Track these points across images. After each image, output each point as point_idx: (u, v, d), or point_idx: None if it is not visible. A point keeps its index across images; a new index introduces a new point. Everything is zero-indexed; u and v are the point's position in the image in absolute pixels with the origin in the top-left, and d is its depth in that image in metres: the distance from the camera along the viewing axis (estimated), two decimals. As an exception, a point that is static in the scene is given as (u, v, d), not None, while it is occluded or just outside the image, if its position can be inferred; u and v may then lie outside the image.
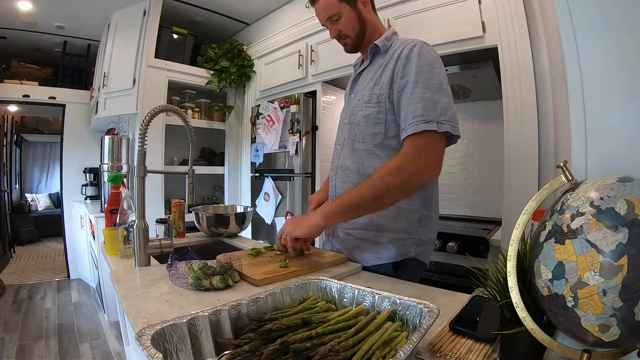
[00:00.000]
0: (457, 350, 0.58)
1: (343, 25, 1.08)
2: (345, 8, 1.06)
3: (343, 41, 1.12)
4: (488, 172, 2.19)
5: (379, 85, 1.04)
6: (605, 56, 0.52)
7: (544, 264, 0.46)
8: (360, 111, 1.07)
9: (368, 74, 1.12)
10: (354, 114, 1.10)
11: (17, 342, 2.33)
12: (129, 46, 2.81)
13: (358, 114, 1.08)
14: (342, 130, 1.17)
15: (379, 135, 1.04)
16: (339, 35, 1.11)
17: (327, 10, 1.06)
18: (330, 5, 1.05)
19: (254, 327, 0.56)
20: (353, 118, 1.10)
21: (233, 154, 3.37)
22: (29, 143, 6.54)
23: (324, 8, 1.06)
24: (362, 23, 1.09)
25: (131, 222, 1.14)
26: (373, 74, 1.09)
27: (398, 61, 1.00)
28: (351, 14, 1.07)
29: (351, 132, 1.11)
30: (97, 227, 2.57)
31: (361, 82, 1.14)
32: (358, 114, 1.08)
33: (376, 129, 1.04)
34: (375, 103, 1.04)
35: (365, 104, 1.06)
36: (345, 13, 1.06)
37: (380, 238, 1.06)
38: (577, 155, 0.55)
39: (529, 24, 1.54)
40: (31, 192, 6.66)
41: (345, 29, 1.09)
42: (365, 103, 1.06)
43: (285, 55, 2.73)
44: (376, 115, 1.03)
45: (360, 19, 1.08)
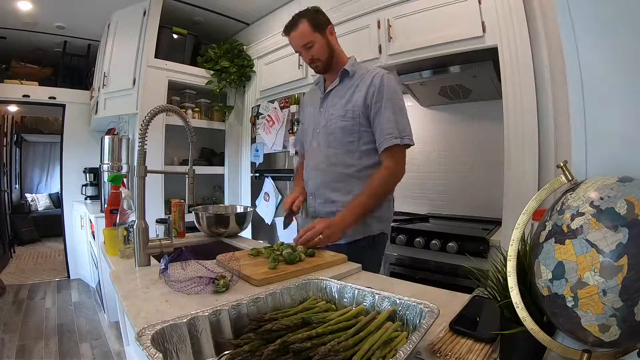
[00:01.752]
0: (457, 350, 0.58)
1: (315, 51, 1.30)
2: (317, 37, 1.29)
3: (315, 64, 1.34)
4: (488, 172, 2.18)
5: (351, 104, 1.29)
6: (605, 56, 0.52)
7: (544, 264, 0.46)
8: (335, 123, 1.31)
9: (338, 92, 1.35)
10: (328, 125, 1.33)
11: (17, 342, 2.32)
12: (129, 46, 2.81)
13: (332, 125, 1.31)
14: (315, 138, 1.39)
15: (353, 142, 1.30)
16: (311, 60, 1.33)
17: (301, 39, 1.29)
18: (305, 34, 1.28)
19: (254, 327, 0.56)
20: (327, 128, 1.33)
21: (233, 154, 3.37)
22: (29, 143, 6.53)
23: (299, 36, 1.29)
24: (330, 49, 1.33)
25: (131, 222, 1.14)
26: (344, 92, 1.33)
27: (370, 87, 1.26)
28: (322, 41, 1.30)
29: (326, 140, 1.34)
30: (97, 227, 2.57)
31: (331, 99, 1.36)
32: (332, 125, 1.31)
33: (351, 137, 1.29)
34: (350, 117, 1.28)
35: (340, 118, 1.30)
36: (318, 41, 1.29)
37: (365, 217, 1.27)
38: (577, 155, 0.55)
39: (529, 24, 1.54)
40: (31, 192, 6.65)
41: (317, 54, 1.31)
42: (340, 117, 1.30)
43: (285, 55, 2.72)
44: (351, 127, 1.28)
45: (329, 46, 1.32)
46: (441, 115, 2.46)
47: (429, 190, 2.49)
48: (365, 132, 1.28)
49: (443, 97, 2.31)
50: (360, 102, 1.26)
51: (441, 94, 2.27)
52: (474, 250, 1.61)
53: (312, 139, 1.41)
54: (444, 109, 2.45)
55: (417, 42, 1.90)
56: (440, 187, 2.45)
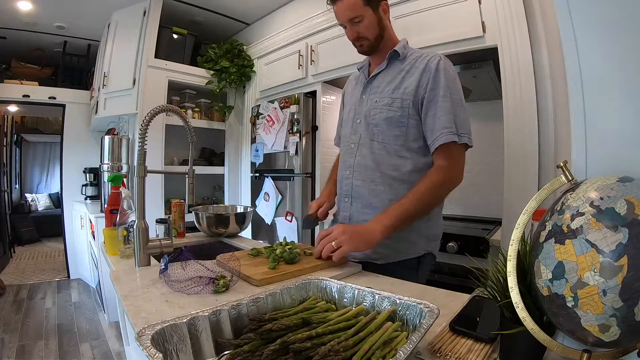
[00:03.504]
0: (457, 350, 0.58)
1: (364, 28, 1.10)
2: (368, 12, 1.09)
3: (360, 43, 1.14)
4: (488, 172, 2.18)
5: (400, 90, 1.09)
6: (605, 56, 0.52)
7: (544, 264, 0.46)
8: (380, 113, 1.11)
9: (385, 77, 1.15)
10: (370, 115, 1.13)
11: (17, 342, 2.33)
12: (129, 46, 2.81)
13: (377, 115, 1.12)
14: (355, 130, 1.18)
15: (401, 137, 1.09)
16: (357, 37, 1.12)
17: (350, 11, 1.08)
18: (354, 6, 1.07)
19: (254, 327, 0.56)
20: (370, 119, 1.13)
21: (233, 154, 3.37)
22: (29, 143, 6.53)
23: (348, 8, 1.08)
24: (381, 28, 1.13)
25: (131, 222, 1.14)
26: (392, 78, 1.13)
27: (425, 72, 1.06)
28: (373, 18, 1.10)
29: (369, 132, 1.14)
30: (97, 227, 2.57)
31: (377, 84, 1.16)
32: (377, 115, 1.12)
33: (398, 131, 1.09)
34: (398, 107, 1.08)
35: (386, 107, 1.10)
36: (368, 16, 1.09)
37: (404, 236, 1.08)
38: (577, 155, 0.55)
39: (529, 24, 1.53)
40: (31, 192, 6.65)
41: (366, 32, 1.11)
42: (386, 106, 1.10)
43: (285, 55, 2.72)
44: (399, 119, 1.08)
45: (380, 24, 1.12)
46: (441, 115, 2.45)
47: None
48: (416, 126, 1.08)
49: (443, 97, 2.31)
50: (412, 90, 1.06)
51: (441, 94, 2.27)
52: (474, 250, 1.61)
53: (351, 132, 1.20)
54: (444, 109, 2.44)
55: (417, 42, 1.89)
56: (440, 187, 2.44)
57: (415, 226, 1.07)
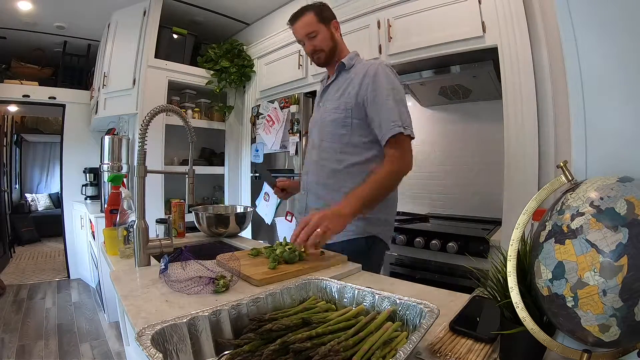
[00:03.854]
0: (457, 350, 0.58)
1: (319, 42, 1.30)
2: (322, 28, 1.29)
3: (317, 55, 1.33)
4: (488, 172, 2.18)
5: (344, 96, 1.26)
6: (605, 56, 0.52)
7: (544, 264, 0.46)
8: (329, 116, 1.28)
9: (334, 86, 1.34)
10: (322, 119, 1.32)
11: (17, 342, 2.32)
12: (129, 46, 2.81)
13: (326, 118, 1.29)
14: (312, 133, 1.38)
15: (346, 135, 1.25)
16: (314, 50, 1.32)
17: (306, 28, 1.29)
18: (310, 23, 1.28)
19: (254, 327, 0.56)
20: (322, 122, 1.32)
21: (233, 154, 3.37)
22: (29, 143, 6.53)
23: (304, 25, 1.29)
24: (334, 42, 1.32)
25: (131, 222, 1.14)
26: (339, 86, 1.31)
27: (365, 77, 1.22)
28: (326, 32, 1.31)
29: (320, 134, 1.32)
30: (97, 227, 2.57)
31: (328, 93, 1.35)
32: (326, 118, 1.29)
33: (343, 130, 1.25)
34: (342, 109, 1.25)
35: (333, 111, 1.27)
36: (322, 32, 1.29)
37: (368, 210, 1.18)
38: (577, 155, 0.55)
39: (529, 24, 1.54)
40: (31, 192, 6.65)
41: (320, 45, 1.30)
42: (333, 110, 1.28)
43: (285, 55, 2.72)
44: (343, 120, 1.25)
45: (332, 39, 1.32)
46: (441, 115, 2.46)
47: (429, 190, 2.49)
48: (358, 126, 1.23)
49: (443, 97, 2.31)
50: (353, 94, 1.23)
51: (441, 94, 2.28)
52: (474, 250, 1.61)
53: (310, 135, 1.41)
54: (444, 109, 2.45)
55: (417, 42, 1.90)
56: (440, 187, 2.45)
57: None
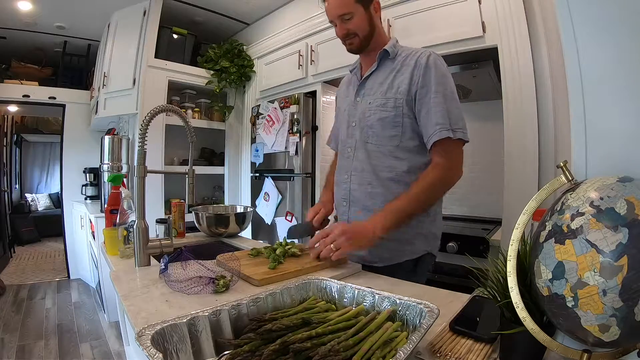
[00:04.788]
0: (457, 350, 0.58)
1: (354, 25, 1.08)
2: (359, 9, 1.07)
3: (349, 40, 1.12)
4: (488, 172, 2.18)
5: (393, 90, 1.08)
6: (605, 56, 0.52)
7: (544, 264, 0.46)
8: (374, 114, 1.10)
9: (377, 78, 1.14)
10: (365, 117, 1.12)
11: (17, 342, 2.32)
12: (129, 46, 2.81)
13: (371, 116, 1.10)
14: (351, 133, 1.18)
15: (396, 137, 1.07)
16: (346, 34, 1.10)
17: (341, 8, 1.07)
18: (345, 3, 1.06)
19: (254, 327, 0.56)
20: (365, 121, 1.12)
21: (233, 154, 3.37)
22: (29, 143, 6.53)
23: (339, 5, 1.07)
24: (372, 26, 1.11)
25: (131, 222, 1.14)
26: (383, 78, 1.12)
27: (415, 69, 1.05)
28: (364, 15, 1.08)
29: (363, 135, 1.13)
30: (97, 227, 2.57)
31: (370, 85, 1.15)
32: (371, 116, 1.10)
33: (393, 131, 1.07)
34: (391, 107, 1.07)
35: (380, 108, 1.09)
36: (358, 14, 1.07)
37: (404, 236, 1.07)
38: (577, 155, 0.55)
39: (529, 24, 1.53)
40: (31, 192, 6.65)
41: (356, 29, 1.09)
42: (379, 107, 1.09)
43: (285, 55, 2.72)
44: (393, 119, 1.07)
45: (370, 23, 1.10)
46: (441, 115, 2.45)
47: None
48: (411, 125, 1.06)
49: (443, 97, 2.31)
50: (404, 88, 1.05)
51: (441, 94, 2.27)
52: (474, 250, 1.61)
53: (347, 136, 1.19)
54: (444, 109, 2.44)
55: (417, 42, 1.89)
56: (440, 187, 2.44)
57: (412, 225, 1.06)
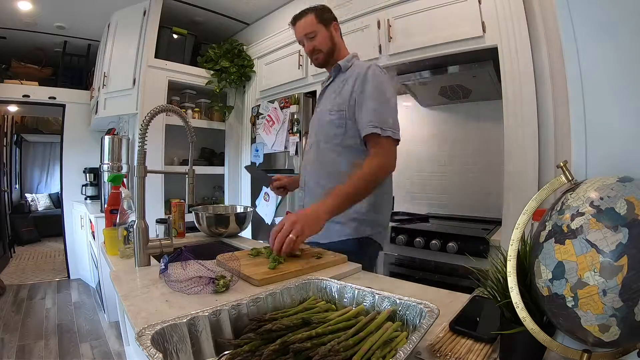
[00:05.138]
0: (457, 350, 0.58)
1: (318, 42, 1.33)
2: (321, 28, 1.32)
3: (315, 56, 1.36)
4: (488, 172, 2.18)
5: (339, 97, 1.28)
6: (605, 56, 0.52)
7: (544, 264, 0.46)
8: (325, 117, 1.31)
9: (331, 88, 1.36)
10: (319, 120, 1.34)
11: (17, 342, 2.32)
12: (129, 46, 2.81)
13: (323, 119, 1.32)
14: (311, 134, 1.40)
15: (339, 135, 1.27)
16: (312, 51, 1.34)
17: (305, 28, 1.32)
18: (310, 24, 1.31)
19: (254, 327, 0.56)
20: (319, 123, 1.34)
21: (233, 154, 3.37)
22: (29, 143, 6.53)
23: (304, 25, 1.32)
24: (333, 43, 1.35)
25: (131, 222, 1.14)
26: (335, 87, 1.33)
27: (357, 79, 1.25)
28: (325, 33, 1.33)
29: (317, 135, 1.34)
30: (97, 227, 2.57)
31: (326, 96, 1.38)
32: (323, 119, 1.32)
33: (337, 131, 1.27)
34: (336, 111, 1.28)
35: (328, 112, 1.30)
36: (321, 32, 1.32)
37: (341, 218, 1.20)
38: (577, 155, 0.55)
39: (529, 24, 1.54)
40: (31, 192, 6.65)
41: (320, 45, 1.33)
42: (328, 111, 1.30)
43: (285, 55, 2.73)
44: (338, 120, 1.27)
45: (332, 40, 1.35)
46: (441, 115, 2.46)
47: (429, 190, 2.49)
48: (352, 127, 1.25)
49: (443, 97, 2.31)
50: (347, 95, 1.25)
51: (441, 94, 2.27)
52: (474, 250, 1.61)
53: (309, 135, 1.44)
54: (444, 109, 2.45)
55: (417, 42, 1.90)
56: (440, 187, 2.45)
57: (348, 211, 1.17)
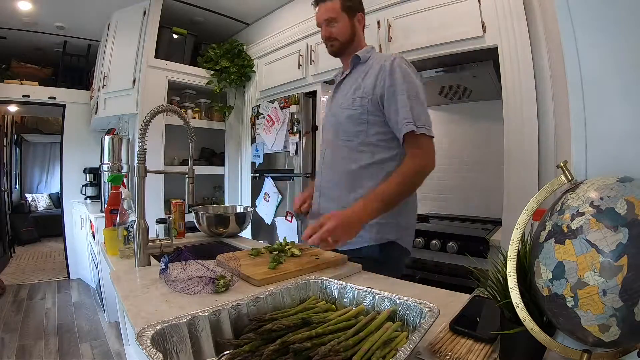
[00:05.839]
0: (457, 350, 0.58)
1: (336, 30, 1.24)
2: (344, 17, 1.24)
3: (330, 43, 1.28)
4: (488, 172, 2.18)
5: (360, 90, 1.19)
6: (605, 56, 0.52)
7: (544, 264, 0.46)
8: (343, 112, 1.21)
9: (349, 81, 1.27)
10: (336, 115, 1.25)
11: (17, 342, 2.32)
12: (129, 46, 2.81)
13: (340, 115, 1.22)
14: (327, 130, 1.32)
15: (362, 132, 1.18)
16: (329, 37, 1.26)
17: (328, 13, 1.23)
18: (333, 9, 1.23)
19: (254, 327, 0.56)
20: (336, 119, 1.25)
21: (233, 154, 3.37)
22: (29, 143, 6.53)
23: (327, 10, 1.23)
24: (352, 34, 1.27)
25: (131, 222, 1.14)
26: (354, 81, 1.24)
27: (380, 72, 1.16)
28: (347, 23, 1.25)
29: (334, 131, 1.25)
30: (97, 227, 2.57)
31: (343, 87, 1.29)
32: (340, 115, 1.22)
33: (359, 127, 1.18)
34: (358, 105, 1.18)
35: (348, 107, 1.20)
36: (343, 21, 1.24)
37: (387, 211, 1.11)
38: (577, 155, 0.55)
39: (529, 24, 1.54)
40: (31, 192, 6.65)
41: (337, 34, 1.25)
42: (348, 105, 1.20)
43: (285, 55, 2.72)
44: (359, 116, 1.18)
45: (352, 31, 1.26)
46: (441, 115, 2.46)
47: (428, 190, 2.49)
48: (375, 122, 1.16)
49: (443, 97, 2.31)
50: (369, 88, 1.16)
51: (441, 94, 2.27)
52: (474, 250, 1.61)
53: (324, 133, 1.35)
54: (444, 109, 2.45)
55: (417, 42, 1.90)
56: (440, 187, 2.45)
57: None
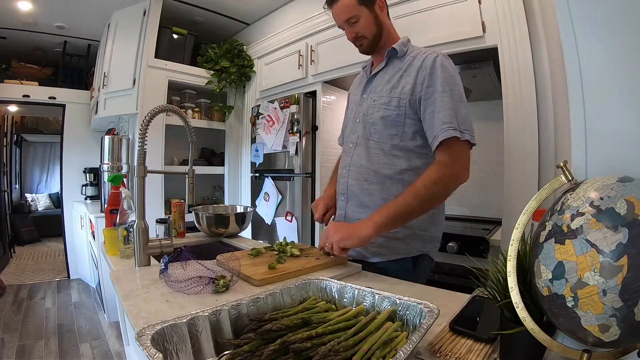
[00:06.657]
0: (457, 350, 0.58)
1: (361, 27, 1.10)
2: (364, 11, 1.08)
3: (359, 42, 1.14)
4: (488, 172, 2.18)
5: (398, 89, 1.07)
6: (605, 56, 0.52)
7: (544, 264, 0.46)
8: (377, 112, 1.10)
9: (384, 76, 1.14)
10: (368, 114, 1.12)
11: (17, 342, 2.32)
12: (129, 46, 2.81)
13: (374, 114, 1.11)
14: (354, 129, 1.19)
15: (397, 136, 1.07)
16: (355, 37, 1.13)
17: (345, 13, 1.09)
18: (348, 7, 1.08)
19: (254, 327, 0.56)
20: (368, 118, 1.12)
21: (233, 154, 3.37)
22: (29, 143, 6.53)
23: (343, 11, 1.09)
24: (379, 26, 1.12)
25: (131, 222, 1.14)
26: (390, 77, 1.12)
27: (421, 70, 1.04)
28: (369, 16, 1.10)
29: (365, 131, 1.13)
30: (97, 227, 2.57)
31: (376, 83, 1.16)
32: (374, 114, 1.11)
33: (394, 130, 1.07)
34: (395, 106, 1.07)
35: (383, 106, 1.09)
36: (364, 15, 1.09)
37: (397, 234, 1.07)
38: (577, 155, 0.55)
39: (529, 24, 1.53)
40: (31, 192, 6.65)
41: (363, 31, 1.11)
42: (383, 105, 1.09)
43: (285, 55, 2.72)
44: (395, 118, 1.07)
45: (377, 22, 1.11)
46: (441, 115, 2.45)
47: (429, 190, 2.49)
48: (413, 125, 1.06)
49: (443, 97, 2.31)
50: (409, 89, 1.05)
51: (441, 94, 2.27)
52: (474, 250, 1.61)
53: (350, 131, 1.20)
54: (444, 109, 2.44)
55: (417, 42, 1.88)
56: (440, 187, 2.44)
57: (411, 225, 1.06)
